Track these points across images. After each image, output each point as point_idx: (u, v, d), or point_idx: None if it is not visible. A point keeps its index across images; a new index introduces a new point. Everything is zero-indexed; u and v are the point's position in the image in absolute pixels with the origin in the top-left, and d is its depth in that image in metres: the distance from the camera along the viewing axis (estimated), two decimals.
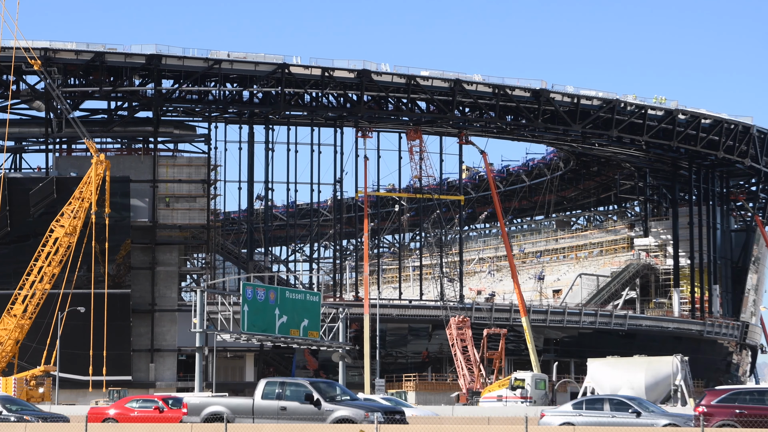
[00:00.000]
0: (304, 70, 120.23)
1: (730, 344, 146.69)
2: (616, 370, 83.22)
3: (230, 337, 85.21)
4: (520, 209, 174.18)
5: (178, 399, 53.19)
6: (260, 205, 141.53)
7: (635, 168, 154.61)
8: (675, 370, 75.15)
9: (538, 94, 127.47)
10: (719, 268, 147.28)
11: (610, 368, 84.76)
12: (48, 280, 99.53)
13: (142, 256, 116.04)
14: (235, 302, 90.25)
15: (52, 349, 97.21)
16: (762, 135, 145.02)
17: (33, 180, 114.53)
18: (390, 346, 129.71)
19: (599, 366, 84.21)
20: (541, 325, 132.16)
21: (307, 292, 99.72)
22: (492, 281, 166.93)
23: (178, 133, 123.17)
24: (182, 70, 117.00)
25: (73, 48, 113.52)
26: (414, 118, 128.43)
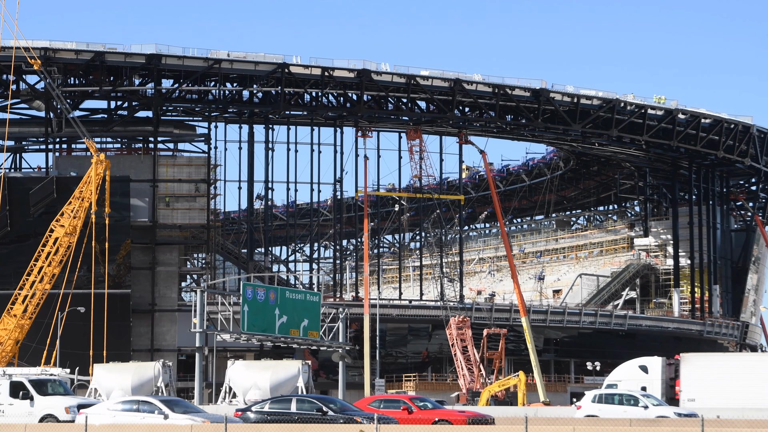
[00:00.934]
0: (304, 69, 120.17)
1: (730, 344, 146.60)
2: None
3: (230, 337, 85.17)
4: (520, 209, 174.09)
5: (425, 399, 51.92)
6: (260, 205, 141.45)
7: (635, 168, 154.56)
8: (157, 373, 77.85)
9: (538, 94, 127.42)
10: (719, 268, 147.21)
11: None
12: (48, 280, 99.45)
13: (142, 256, 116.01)
14: (235, 302, 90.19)
15: (52, 349, 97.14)
16: (762, 135, 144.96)
17: (33, 180, 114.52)
18: (390, 346, 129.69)
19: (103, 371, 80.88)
20: (541, 325, 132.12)
21: (307, 292, 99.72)
22: (492, 281, 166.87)
23: (178, 132, 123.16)
24: (182, 69, 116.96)
25: (73, 48, 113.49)
26: (414, 117, 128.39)
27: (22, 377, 54.25)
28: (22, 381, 53.44)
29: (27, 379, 53.96)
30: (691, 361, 66.04)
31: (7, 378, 54.08)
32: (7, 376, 54.27)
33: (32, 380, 53.80)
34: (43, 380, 54.68)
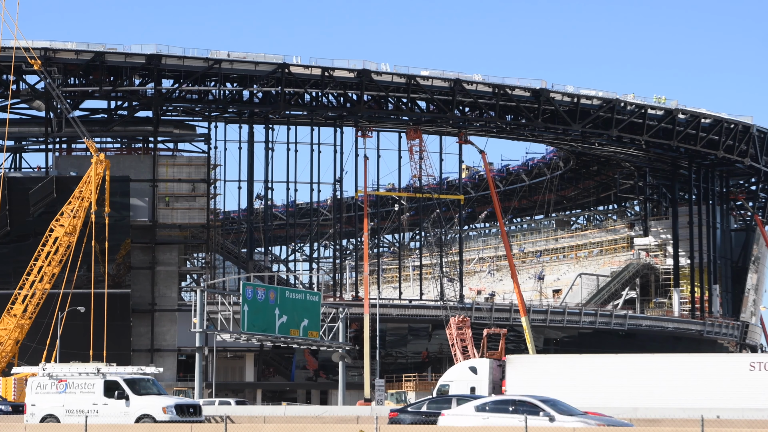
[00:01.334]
0: (304, 69, 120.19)
1: (730, 344, 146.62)
2: None
3: (230, 337, 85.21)
4: (520, 209, 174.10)
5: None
6: (260, 205, 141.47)
7: (635, 167, 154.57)
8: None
9: (538, 94, 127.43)
10: (719, 267, 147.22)
11: None
12: (48, 280, 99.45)
13: (142, 255, 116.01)
14: (235, 302, 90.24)
15: (52, 349, 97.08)
16: (762, 134, 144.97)
17: (33, 179, 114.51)
18: (390, 346, 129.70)
19: None
20: (541, 325, 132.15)
21: (307, 291, 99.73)
22: (492, 281, 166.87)
23: (178, 132, 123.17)
24: (182, 69, 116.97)
25: (73, 48, 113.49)
26: (414, 117, 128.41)
27: (116, 375, 52.35)
28: (117, 380, 51.79)
29: (122, 377, 52.23)
30: (516, 363, 68.30)
31: (101, 376, 52.19)
32: (101, 375, 52.25)
33: (127, 379, 52.09)
34: (136, 379, 52.82)
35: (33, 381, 53.22)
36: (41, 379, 52.92)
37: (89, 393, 51.65)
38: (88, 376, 52.14)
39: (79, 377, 52.25)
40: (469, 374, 70.13)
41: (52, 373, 52.86)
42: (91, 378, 51.97)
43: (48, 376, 52.82)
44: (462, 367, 72.95)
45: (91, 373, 52.24)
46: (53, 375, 52.77)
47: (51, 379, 52.62)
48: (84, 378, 52.14)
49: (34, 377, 53.71)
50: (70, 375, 52.66)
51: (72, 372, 52.83)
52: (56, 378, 52.48)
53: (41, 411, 52.13)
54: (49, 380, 52.60)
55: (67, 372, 52.99)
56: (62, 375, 52.64)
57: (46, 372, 53.10)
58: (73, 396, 51.76)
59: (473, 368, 70.75)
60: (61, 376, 52.49)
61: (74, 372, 52.74)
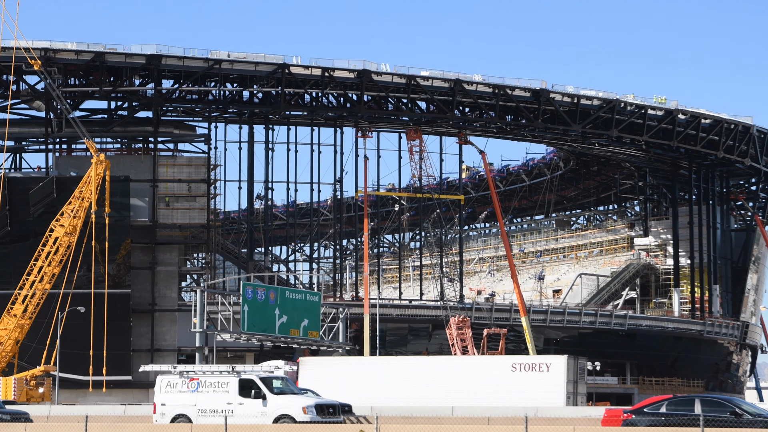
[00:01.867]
0: (304, 70, 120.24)
1: (730, 344, 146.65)
2: None
3: (230, 337, 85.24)
4: (520, 209, 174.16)
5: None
6: (260, 205, 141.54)
7: (635, 168, 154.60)
8: None
9: (538, 94, 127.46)
10: (719, 268, 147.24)
11: None
12: (48, 280, 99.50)
13: (142, 255, 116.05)
14: (235, 302, 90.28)
15: (52, 349, 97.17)
16: (762, 135, 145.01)
17: (33, 180, 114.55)
18: (390, 346, 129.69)
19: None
20: (541, 325, 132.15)
21: (307, 292, 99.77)
22: (492, 281, 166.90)
23: (178, 133, 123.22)
24: (182, 70, 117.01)
25: (73, 48, 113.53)
26: (414, 118, 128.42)
27: (252, 374, 50.43)
28: (253, 378, 49.73)
29: (258, 376, 50.23)
30: (308, 364, 72.90)
31: (236, 375, 50.17)
32: (235, 374, 50.31)
33: (263, 377, 50.14)
34: (271, 377, 50.91)
35: (162, 379, 51.30)
36: (171, 377, 51.13)
37: (223, 392, 49.75)
38: (221, 375, 50.46)
39: (211, 376, 50.53)
40: None
41: (183, 372, 51.11)
42: (224, 377, 50.20)
43: (179, 374, 51.05)
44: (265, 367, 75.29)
45: (225, 371, 50.68)
46: (184, 373, 51.01)
47: (182, 377, 50.84)
48: (217, 377, 50.38)
49: (162, 376, 51.80)
50: (201, 373, 50.99)
51: (204, 370, 51.20)
52: (187, 376, 50.73)
53: (172, 411, 50.43)
54: (180, 379, 50.81)
55: (199, 370, 51.33)
56: (194, 373, 50.95)
57: (177, 370, 51.44)
58: (206, 395, 49.99)
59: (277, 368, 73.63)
60: (192, 375, 50.81)
61: (207, 370, 51.08)
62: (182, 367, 51.80)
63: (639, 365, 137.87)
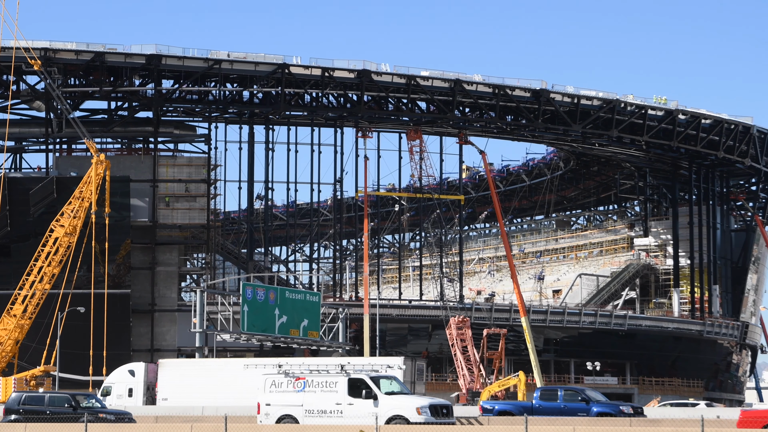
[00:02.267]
0: (304, 70, 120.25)
1: (730, 344, 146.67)
2: None
3: (230, 337, 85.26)
4: (520, 209, 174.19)
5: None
6: (260, 205, 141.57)
7: (635, 168, 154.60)
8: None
9: (538, 94, 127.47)
10: (719, 268, 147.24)
11: None
12: (48, 280, 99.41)
13: (142, 256, 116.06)
14: (235, 302, 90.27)
15: (52, 349, 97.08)
16: (762, 135, 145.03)
17: (33, 180, 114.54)
18: (390, 346, 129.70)
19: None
20: (541, 325, 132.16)
21: (307, 292, 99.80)
22: (492, 281, 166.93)
23: (178, 133, 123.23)
24: (182, 70, 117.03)
25: (73, 48, 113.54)
26: (414, 118, 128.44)
27: (362, 373, 48.58)
28: (363, 377, 47.93)
29: (368, 375, 48.36)
30: (167, 366, 74.24)
31: (345, 374, 48.40)
32: (344, 373, 48.50)
33: (373, 377, 48.21)
34: (381, 376, 48.91)
35: (266, 378, 49.67)
36: (276, 377, 49.44)
37: (331, 392, 48.04)
38: (329, 374, 48.70)
39: (318, 375, 48.86)
40: (128, 377, 75.07)
41: (288, 371, 49.40)
42: (332, 376, 48.44)
43: (284, 373, 49.32)
44: (122, 370, 76.29)
45: (333, 370, 49.07)
46: (290, 373, 49.26)
47: (287, 377, 49.08)
48: (325, 376, 48.67)
49: (267, 375, 49.90)
50: (308, 372, 49.27)
51: (311, 369, 49.64)
52: (293, 376, 49.01)
53: (277, 411, 48.82)
54: (285, 378, 49.05)
55: (306, 369, 49.67)
56: (300, 372, 49.26)
57: (282, 369, 49.73)
58: (313, 395, 48.31)
59: (132, 371, 75.38)
60: (298, 374, 49.09)
61: (314, 369, 49.57)
62: (288, 366, 50.21)
63: (639, 365, 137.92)
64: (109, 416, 51.42)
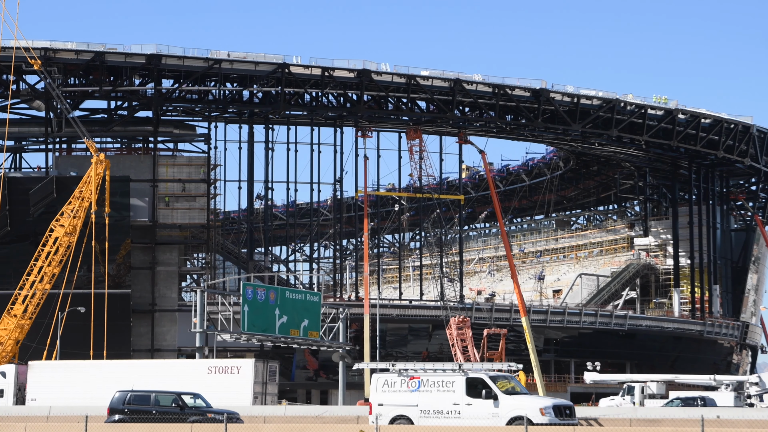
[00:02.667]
0: (304, 69, 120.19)
1: (731, 344, 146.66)
2: None
3: (230, 337, 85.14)
4: (520, 209, 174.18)
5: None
6: (260, 205, 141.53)
7: (635, 167, 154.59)
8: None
9: (538, 94, 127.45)
10: (719, 268, 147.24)
11: None
12: (48, 280, 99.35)
13: (142, 255, 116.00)
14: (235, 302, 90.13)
15: (52, 349, 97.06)
16: (762, 135, 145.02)
17: (33, 180, 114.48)
18: (390, 346, 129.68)
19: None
20: (541, 325, 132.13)
21: (307, 292, 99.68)
22: (492, 281, 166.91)
23: (178, 132, 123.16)
24: (182, 69, 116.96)
25: (73, 48, 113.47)
26: (414, 117, 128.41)
27: (481, 373, 47.49)
28: (482, 377, 47.04)
29: (487, 375, 47.40)
30: (36, 367, 75.67)
31: (462, 374, 47.44)
32: (461, 372, 47.54)
33: (492, 376, 47.32)
34: (500, 376, 48.08)
35: (379, 378, 48.86)
36: (389, 376, 48.60)
37: (448, 392, 47.17)
38: (445, 373, 47.81)
39: (434, 374, 47.97)
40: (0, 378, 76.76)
41: (402, 370, 48.64)
42: (449, 375, 47.59)
43: (398, 372, 48.54)
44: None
45: (449, 369, 48.11)
46: (404, 372, 48.53)
47: (401, 376, 48.33)
48: (441, 375, 47.79)
49: (379, 374, 48.91)
50: (423, 372, 48.38)
51: (426, 368, 48.68)
52: (407, 375, 48.27)
53: (390, 411, 48.02)
54: (399, 377, 48.31)
55: (421, 368, 48.78)
56: (414, 372, 48.54)
57: (396, 368, 48.84)
58: (429, 395, 47.55)
59: (3, 373, 76.67)
60: (412, 373, 48.39)
61: (429, 368, 48.61)
62: (402, 365, 49.22)
63: (639, 365, 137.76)
64: (218, 416, 49.28)
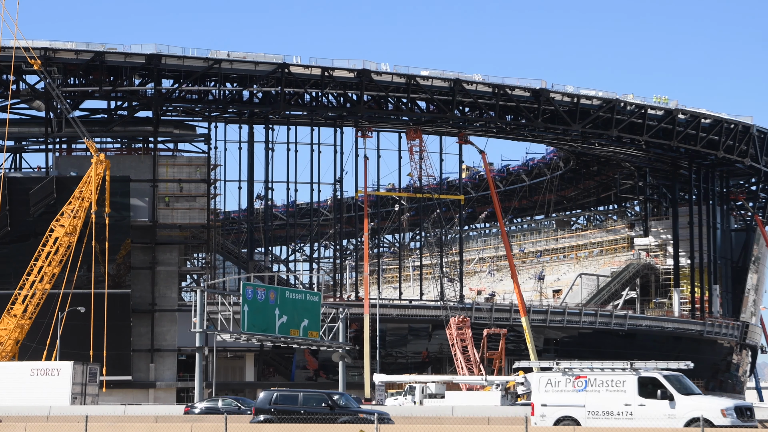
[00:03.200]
0: (304, 69, 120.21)
1: (731, 344, 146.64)
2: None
3: (230, 337, 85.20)
4: (520, 209, 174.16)
5: None
6: (260, 205, 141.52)
7: (635, 168, 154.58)
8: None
9: (538, 94, 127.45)
10: (719, 268, 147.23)
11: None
12: (48, 280, 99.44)
13: (142, 255, 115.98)
14: (235, 302, 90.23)
15: (52, 349, 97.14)
16: (762, 135, 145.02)
17: (33, 180, 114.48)
18: (390, 346, 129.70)
19: None
20: (541, 325, 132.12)
21: (307, 292, 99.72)
22: (492, 281, 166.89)
23: (178, 132, 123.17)
24: (182, 69, 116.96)
25: (73, 48, 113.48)
26: (414, 117, 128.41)
27: (655, 372, 45.41)
28: (656, 376, 45.06)
29: (662, 374, 45.30)
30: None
31: (634, 373, 45.51)
32: (633, 371, 45.63)
33: (667, 375, 45.30)
34: (673, 375, 45.80)
35: (541, 377, 47.38)
36: (553, 375, 47.03)
37: (618, 392, 45.38)
38: (614, 372, 46.04)
39: (602, 373, 46.20)
40: None
41: (567, 369, 46.93)
42: (619, 374, 45.75)
43: (562, 372, 46.85)
44: None
45: (619, 368, 46.18)
46: (569, 371, 46.83)
47: (566, 375, 46.64)
48: (610, 374, 46.01)
49: (542, 373, 47.54)
50: (590, 371, 46.65)
51: (594, 367, 46.91)
52: (572, 374, 46.58)
53: (555, 412, 46.40)
54: (563, 377, 46.61)
55: (587, 367, 47.00)
56: (580, 371, 46.85)
57: (561, 367, 47.15)
58: (597, 395, 45.73)
59: None
60: (578, 372, 46.72)
61: (597, 367, 46.87)
62: (566, 364, 47.73)
63: None
64: (369, 416, 47.91)
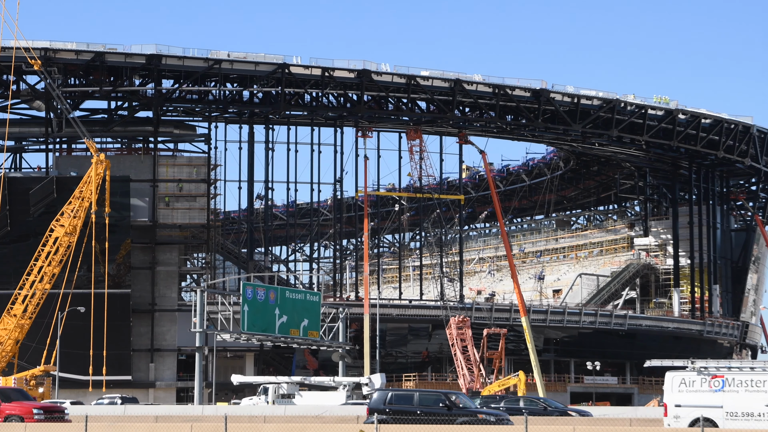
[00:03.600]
0: (304, 70, 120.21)
1: (730, 344, 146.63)
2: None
3: (230, 337, 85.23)
4: (520, 209, 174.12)
5: None
6: (260, 205, 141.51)
7: (635, 168, 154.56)
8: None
9: (538, 94, 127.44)
10: (719, 267, 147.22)
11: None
12: (48, 280, 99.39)
13: (142, 255, 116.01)
14: (235, 302, 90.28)
15: (52, 349, 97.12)
16: (762, 135, 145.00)
17: (33, 180, 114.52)
18: (390, 345, 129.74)
19: None
20: (541, 325, 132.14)
21: (307, 292, 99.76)
22: (492, 281, 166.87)
23: (178, 132, 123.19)
24: (182, 70, 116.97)
25: (73, 48, 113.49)
26: (414, 117, 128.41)
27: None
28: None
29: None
30: None
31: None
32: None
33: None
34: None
35: (674, 376, 45.09)
36: (687, 374, 44.73)
37: (759, 392, 43.04)
38: (753, 371, 43.50)
39: (741, 373, 43.73)
40: None
41: (702, 368, 44.61)
42: (759, 374, 43.29)
43: (697, 371, 44.53)
44: None
45: (759, 367, 43.74)
46: (704, 370, 44.54)
47: (701, 374, 44.36)
48: (749, 374, 43.49)
49: (674, 372, 45.35)
50: (728, 370, 44.23)
51: (732, 366, 44.50)
52: (708, 374, 44.34)
53: (690, 413, 44.16)
54: (699, 376, 44.35)
55: (725, 366, 44.65)
56: (717, 370, 44.51)
57: (696, 366, 44.79)
58: (735, 395, 43.43)
59: None
60: (714, 372, 44.41)
61: (735, 366, 44.47)
62: (702, 362, 45.25)
63: (639, 365, 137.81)
64: (488, 417, 47.40)
